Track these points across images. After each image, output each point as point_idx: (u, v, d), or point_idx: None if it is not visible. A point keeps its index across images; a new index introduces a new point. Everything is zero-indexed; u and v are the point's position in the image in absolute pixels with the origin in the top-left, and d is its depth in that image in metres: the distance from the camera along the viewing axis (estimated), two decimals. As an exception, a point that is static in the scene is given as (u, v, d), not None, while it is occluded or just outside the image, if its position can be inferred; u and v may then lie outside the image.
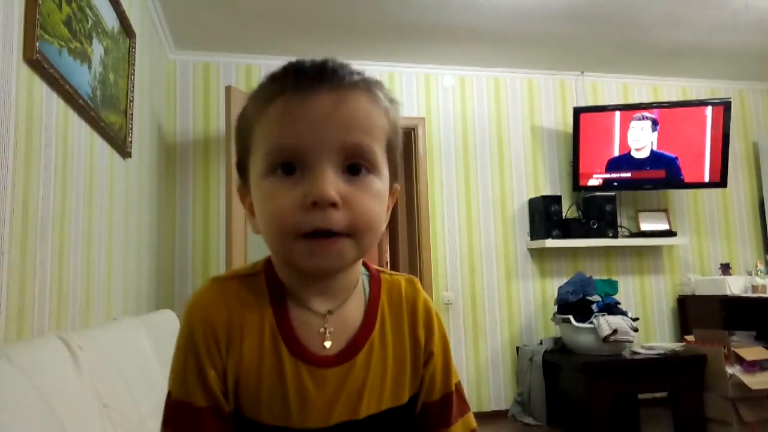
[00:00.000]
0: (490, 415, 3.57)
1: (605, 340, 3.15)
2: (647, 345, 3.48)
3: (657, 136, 3.85)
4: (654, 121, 3.85)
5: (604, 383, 3.08)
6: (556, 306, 3.53)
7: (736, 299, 3.62)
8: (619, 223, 3.93)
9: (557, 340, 3.55)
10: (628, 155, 3.86)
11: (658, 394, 3.56)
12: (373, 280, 0.70)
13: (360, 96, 0.60)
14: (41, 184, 1.47)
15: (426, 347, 0.70)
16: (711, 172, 3.89)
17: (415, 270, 3.73)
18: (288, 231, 0.58)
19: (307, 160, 0.58)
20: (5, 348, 1.00)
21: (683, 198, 4.19)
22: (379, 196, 0.62)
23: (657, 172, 3.87)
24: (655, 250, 4.09)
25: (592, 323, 3.24)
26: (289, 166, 0.59)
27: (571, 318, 3.31)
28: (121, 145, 2.23)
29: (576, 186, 3.88)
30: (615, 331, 3.14)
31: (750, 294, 3.63)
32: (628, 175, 3.86)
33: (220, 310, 0.63)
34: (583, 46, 3.67)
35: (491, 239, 3.85)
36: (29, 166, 1.40)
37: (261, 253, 0.67)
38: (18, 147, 1.34)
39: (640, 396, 3.54)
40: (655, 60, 3.91)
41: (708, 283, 3.84)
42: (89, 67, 1.84)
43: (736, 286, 3.69)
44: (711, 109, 3.87)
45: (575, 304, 3.36)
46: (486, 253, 3.83)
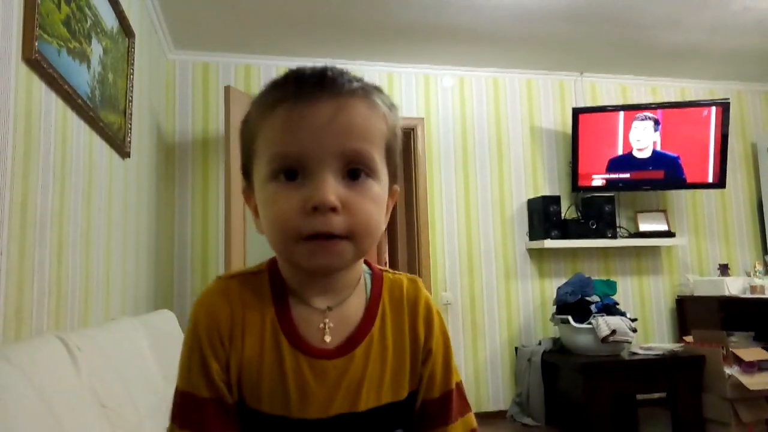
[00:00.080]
0: (489, 416, 3.57)
1: (604, 340, 3.15)
2: (646, 345, 3.48)
3: (660, 137, 3.85)
4: (656, 121, 3.85)
5: (602, 384, 3.08)
6: (555, 306, 3.53)
7: (734, 300, 3.63)
8: (617, 224, 3.93)
9: (556, 341, 3.56)
10: (630, 155, 3.86)
11: (656, 395, 3.57)
12: (376, 278, 0.73)
13: (359, 103, 0.62)
14: (40, 184, 1.47)
15: (425, 344, 0.71)
16: (711, 173, 3.90)
17: (414, 270, 3.72)
18: (290, 234, 0.61)
19: (308, 166, 0.61)
20: (4, 348, 1.01)
21: (682, 199, 4.20)
22: (378, 199, 0.64)
23: (656, 172, 3.88)
24: (654, 250, 4.09)
25: (590, 324, 3.24)
26: (291, 172, 0.61)
27: (569, 318, 3.31)
28: (120, 145, 2.23)
29: (575, 186, 3.88)
30: (614, 332, 3.15)
31: (748, 295, 3.63)
32: (627, 175, 3.87)
33: (223, 307, 0.66)
34: (582, 47, 3.67)
35: (490, 239, 3.85)
36: (28, 166, 1.40)
37: (260, 252, 0.68)
38: (17, 147, 1.34)
39: (639, 396, 3.54)
40: (654, 61, 3.91)
41: (706, 284, 3.84)
42: (88, 66, 1.84)
43: (734, 286, 3.69)
44: (709, 109, 3.87)
45: (574, 305, 3.36)
46: (485, 254, 3.83)
